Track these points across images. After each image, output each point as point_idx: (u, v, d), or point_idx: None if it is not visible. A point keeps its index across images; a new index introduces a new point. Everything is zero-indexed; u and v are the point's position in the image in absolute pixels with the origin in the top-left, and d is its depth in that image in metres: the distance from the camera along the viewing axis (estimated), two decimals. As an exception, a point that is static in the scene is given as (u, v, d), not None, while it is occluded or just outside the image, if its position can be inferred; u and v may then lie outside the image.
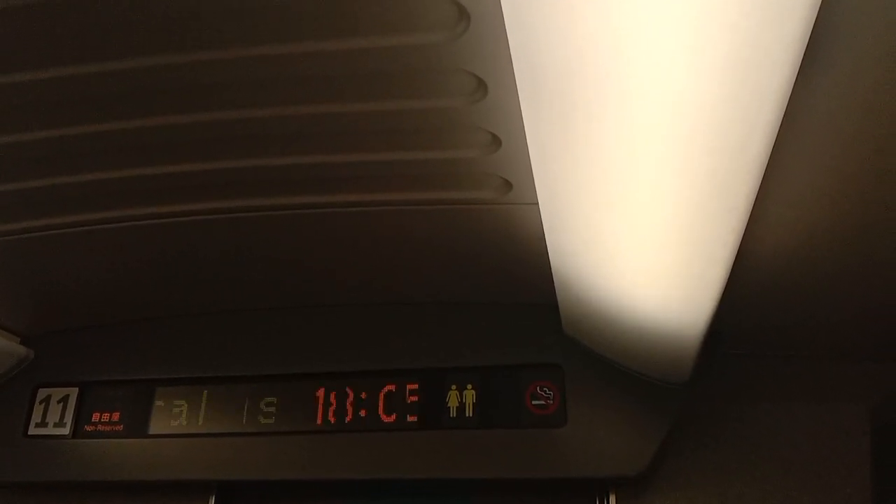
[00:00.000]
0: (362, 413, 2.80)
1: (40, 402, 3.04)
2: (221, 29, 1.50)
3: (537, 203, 1.83)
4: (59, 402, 3.02)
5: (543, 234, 1.99)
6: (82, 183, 2.13)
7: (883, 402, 2.75)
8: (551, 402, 2.72)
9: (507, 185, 2.02)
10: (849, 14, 1.23)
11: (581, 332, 2.65)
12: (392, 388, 2.82)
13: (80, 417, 2.98)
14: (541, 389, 2.74)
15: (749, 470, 2.71)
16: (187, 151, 2.00)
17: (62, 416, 3.00)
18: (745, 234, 1.90)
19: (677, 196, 1.45)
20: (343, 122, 1.77)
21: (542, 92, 1.36)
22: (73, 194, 2.19)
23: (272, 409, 2.87)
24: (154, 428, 2.92)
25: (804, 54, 1.22)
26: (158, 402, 2.96)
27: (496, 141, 1.81)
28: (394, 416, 2.78)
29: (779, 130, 1.44)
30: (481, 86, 1.62)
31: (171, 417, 2.92)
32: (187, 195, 2.24)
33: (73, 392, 3.03)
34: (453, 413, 2.76)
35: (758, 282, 2.25)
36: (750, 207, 1.58)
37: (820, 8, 1.12)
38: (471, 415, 2.75)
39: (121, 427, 2.94)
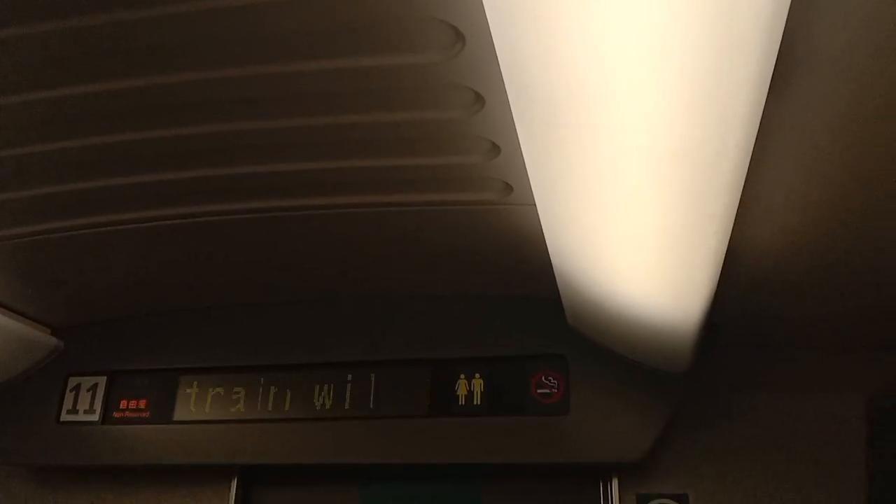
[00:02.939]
0: (376, 401, 2.93)
1: (71, 391, 3.19)
2: (240, 49, 1.62)
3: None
4: (88, 390, 3.18)
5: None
6: (110, 187, 2.26)
7: (878, 391, 2.83)
8: (556, 390, 2.83)
9: (508, 187, 2.12)
10: (813, 35, 1.32)
11: (584, 325, 2.76)
12: (404, 377, 2.94)
13: (109, 404, 3.15)
14: (546, 378, 2.86)
15: (747, 456, 2.82)
16: (209, 158, 2.13)
17: (92, 404, 3.15)
18: (735, 234, 2.00)
19: (659, 203, 1.55)
20: (350, 132, 1.88)
21: (532, 108, 1.47)
22: (102, 197, 2.33)
23: (290, 397, 3.01)
24: (179, 414, 3.07)
25: (773, 73, 1.32)
26: (183, 390, 3.11)
27: (495, 148, 1.92)
28: (405, 404, 2.91)
29: (756, 141, 1.54)
30: (479, 99, 1.72)
31: (195, 404, 3.07)
32: (208, 198, 2.37)
33: (102, 380, 3.19)
34: (462, 401, 2.88)
35: (751, 277, 2.34)
36: (732, 213, 1.67)
37: (784, 31, 1.21)
38: (478, 403, 2.87)
39: (147, 413, 3.10)
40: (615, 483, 2.87)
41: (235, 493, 3.08)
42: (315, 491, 3.12)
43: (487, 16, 1.28)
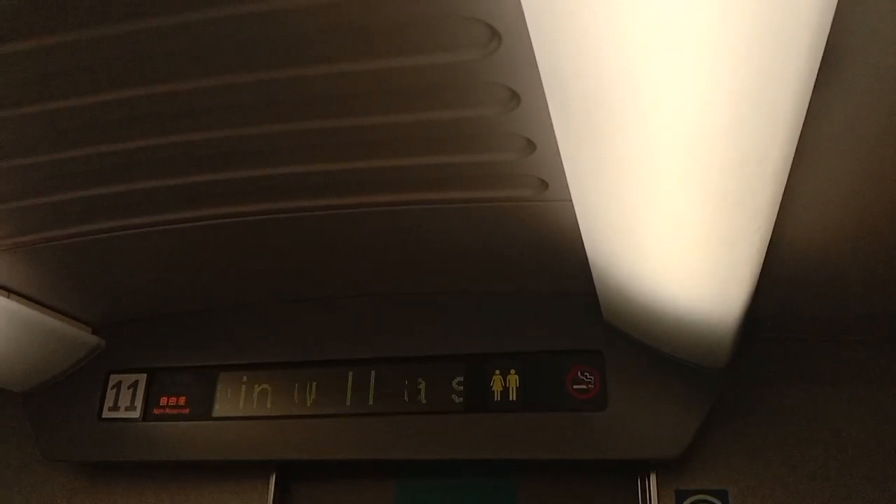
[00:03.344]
0: (412, 396, 2.94)
1: (112, 388, 3.25)
2: (280, 52, 1.63)
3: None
4: (129, 387, 3.23)
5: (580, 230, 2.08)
6: (147, 189, 2.30)
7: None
8: (592, 386, 2.82)
9: (544, 184, 2.11)
10: (859, 29, 1.29)
11: (620, 320, 2.73)
12: (440, 372, 2.95)
13: (150, 401, 3.19)
14: (582, 374, 2.84)
15: (788, 452, 2.77)
16: (249, 160, 2.14)
17: (132, 401, 3.21)
18: (777, 228, 1.97)
19: (700, 202, 1.53)
20: (387, 131, 1.88)
21: (569, 105, 1.45)
22: (139, 199, 2.37)
23: (328, 393, 3.03)
24: (218, 411, 3.11)
25: (819, 70, 1.29)
26: (221, 387, 3.14)
27: (531, 145, 1.91)
28: (441, 400, 2.91)
29: (801, 138, 1.51)
30: (514, 96, 1.71)
31: (234, 401, 3.11)
32: (246, 198, 2.39)
33: (142, 378, 3.24)
34: (497, 397, 2.88)
35: (795, 272, 2.30)
36: (775, 210, 1.64)
37: (831, 29, 1.19)
38: (514, 398, 2.87)
39: (187, 410, 3.14)
40: (653, 479, 2.84)
41: (274, 489, 3.11)
42: (352, 486, 3.15)
43: (525, 13, 1.26)
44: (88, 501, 3.26)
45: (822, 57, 1.27)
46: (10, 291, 2.94)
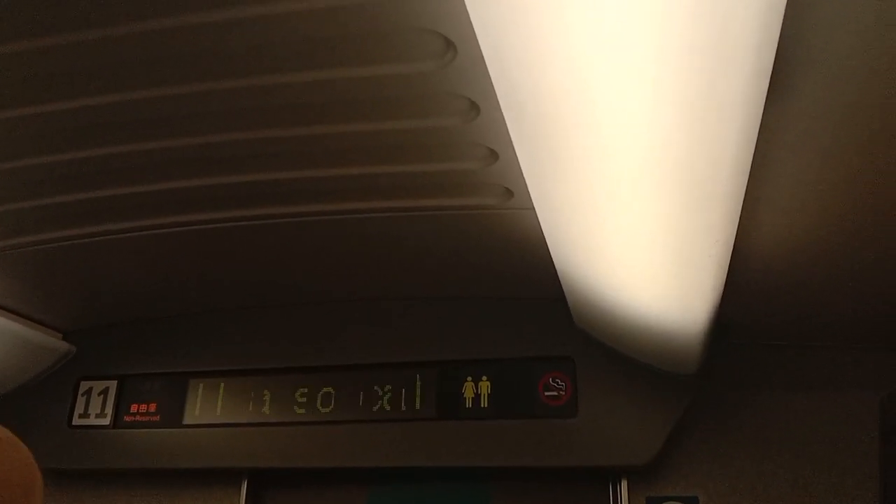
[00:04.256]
0: (382, 404, 2.93)
1: (82, 395, 3.22)
2: (234, 61, 1.61)
3: (537, 209, 1.92)
4: (99, 394, 3.20)
5: (546, 237, 2.08)
6: (118, 196, 2.28)
7: (893, 392, 2.78)
8: (563, 393, 2.82)
9: (509, 192, 2.10)
10: (811, 39, 1.29)
11: (591, 326, 2.73)
12: (410, 379, 2.94)
13: (120, 408, 3.16)
14: (553, 381, 2.84)
15: (759, 458, 2.77)
16: (213, 167, 2.13)
17: (103, 408, 3.18)
18: (742, 236, 1.97)
19: (655, 211, 1.53)
20: (347, 140, 1.87)
21: (523, 116, 1.44)
22: (110, 206, 2.35)
23: (298, 400, 3.01)
24: (188, 418, 3.08)
25: (772, 78, 1.29)
26: (192, 394, 3.12)
27: (493, 154, 1.90)
28: (412, 407, 2.90)
29: (759, 146, 1.50)
30: (474, 107, 1.70)
31: (205, 408, 3.08)
32: (214, 205, 2.38)
33: (113, 384, 3.21)
34: (469, 404, 2.87)
35: (761, 278, 2.31)
36: (734, 219, 1.64)
37: (781, 35, 1.18)
38: (486, 405, 2.86)
39: (157, 417, 3.11)
40: (625, 485, 2.84)
41: (245, 497, 3.08)
42: (324, 493, 3.13)
43: (474, 25, 1.26)
44: (57, 509, 3.23)
45: (774, 68, 1.27)
46: (-22, 298, 2.92)
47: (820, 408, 2.79)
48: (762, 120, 1.41)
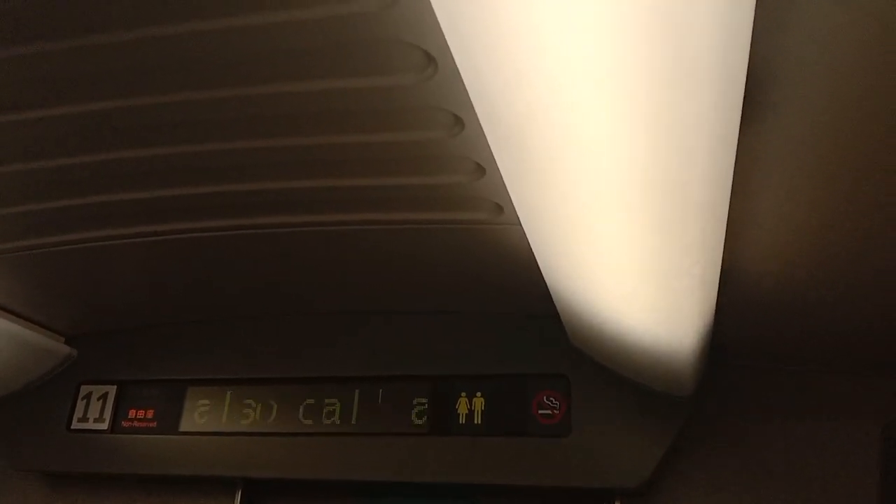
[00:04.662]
0: (378, 417, 2.92)
1: (82, 399, 3.25)
2: (216, 72, 1.63)
3: (528, 225, 1.91)
4: (98, 398, 3.23)
5: (538, 253, 2.07)
6: (124, 201, 2.31)
7: (894, 420, 2.73)
8: (557, 411, 2.79)
9: (499, 207, 2.10)
10: (783, 58, 1.28)
11: (585, 345, 2.71)
12: (406, 393, 2.93)
13: (118, 413, 3.18)
14: (547, 399, 2.82)
15: (755, 484, 2.72)
16: (201, 176, 2.16)
17: (101, 412, 3.20)
18: (730, 257, 1.95)
19: (631, 235, 1.52)
20: (338, 151, 1.88)
21: (502, 132, 1.45)
22: (114, 211, 2.38)
23: (293, 411, 3.01)
24: (185, 425, 3.09)
25: (746, 98, 1.28)
26: (189, 401, 3.13)
27: (480, 169, 1.90)
28: (406, 421, 2.89)
29: (740, 166, 1.49)
30: (458, 121, 1.71)
31: (201, 416, 3.09)
32: (212, 213, 2.40)
33: (112, 389, 3.23)
34: (462, 420, 2.85)
35: (752, 300, 2.28)
36: (715, 241, 1.63)
37: (752, 55, 1.17)
38: (479, 422, 2.84)
39: (154, 424, 3.13)
40: (618, 508, 2.81)
41: (239, 506, 3.09)
42: (316, 505, 3.13)
43: (448, 41, 1.26)
44: (54, 512, 3.25)
45: (747, 91, 1.26)
46: (-18, 300, 2.96)
47: (819, 434, 2.74)
48: (741, 139, 1.40)
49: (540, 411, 2.80)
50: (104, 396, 3.23)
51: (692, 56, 1.06)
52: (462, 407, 2.88)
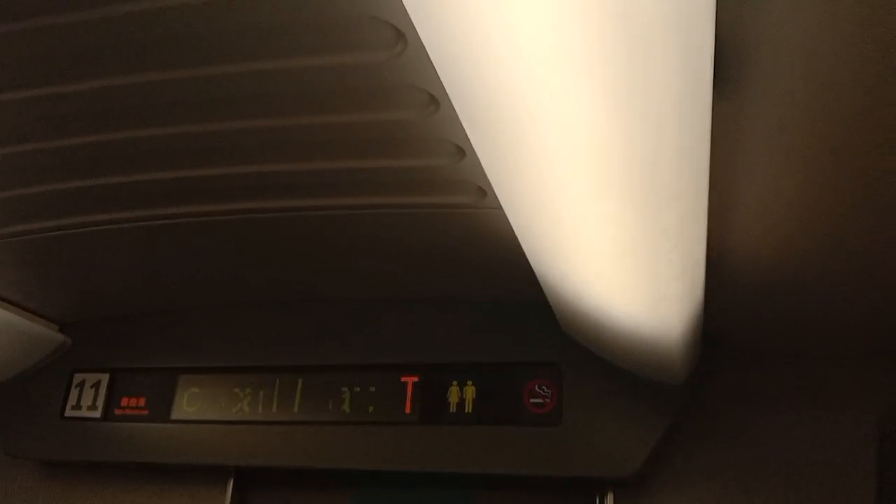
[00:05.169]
0: (367, 405, 2.90)
1: (76, 387, 3.24)
2: (181, 51, 1.60)
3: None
4: (92, 386, 3.22)
5: (525, 238, 2.03)
6: (117, 185, 2.29)
7: (891, 409, 2.68)
8: (549, 400, 2.76)
9: (482, 191, 2.07)
10: (755, 33, 1.23)
11: (576, 332, 2.67)
12: (394, 382, 2.90)
13: (111, 401, 3.18)
14: (539, 388, 2.78)
15: (749, 474, 2.68)
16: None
17: (94, 400, 3.19)
18: (716, 243, 1.91)
19: (605, 218, 1.48)
20: (308, 133, 1.84)
21: (474, 112, 1.41)
22: (107, 195, 2.36)
23: (286, 400, 2.99)
24: (176, 413, 3.08)
25: (717, 77, 1.24)
26: (181, 389, 3.12)
27: (460, 151, 1.86)
28: (397, 410, 2.86)
29: (718, 147, 1.45)
30: (433, 100, 1.67)
31: (193, 404, 3.08)
32: (201, 198, 2.37)
33: (105, 377, 3.22)
34: (453, 409, 2.83)
35: (742, 286, 2.23)
36: (696, 225, 1.59)
37: (722, 29, 1.13)
38: (470, 411, 2.81)
39: (146, 412, 3.12)
40: (610, 497, 2.77)
41: (231, 494, 3.08)
42: (308, 494, 3.11)
43: (411, 16, 1.22)
44: (47, 500, 3.25)
45: (717, 68, 1.22)
46: (-26, 287, 2.96)
47: (815, 425, 2.69)
48: (716, 121, 1.36)
49: (531, 400, 2.77)
50: (97, 384, 3.23)
51: (651, 23, 1.02)
52: (453, 396, 2.85)
